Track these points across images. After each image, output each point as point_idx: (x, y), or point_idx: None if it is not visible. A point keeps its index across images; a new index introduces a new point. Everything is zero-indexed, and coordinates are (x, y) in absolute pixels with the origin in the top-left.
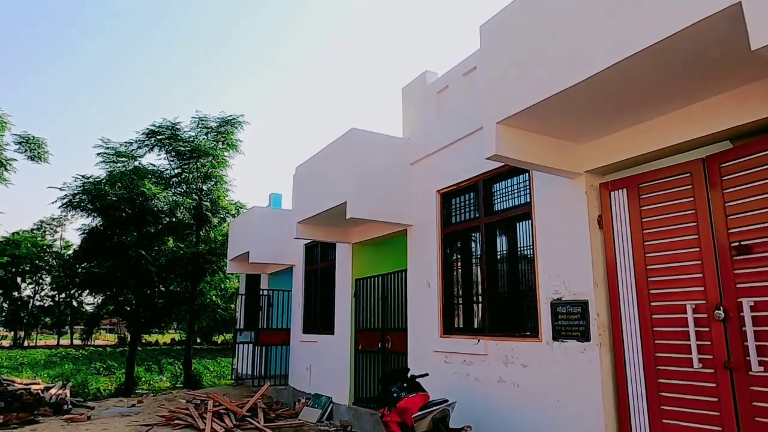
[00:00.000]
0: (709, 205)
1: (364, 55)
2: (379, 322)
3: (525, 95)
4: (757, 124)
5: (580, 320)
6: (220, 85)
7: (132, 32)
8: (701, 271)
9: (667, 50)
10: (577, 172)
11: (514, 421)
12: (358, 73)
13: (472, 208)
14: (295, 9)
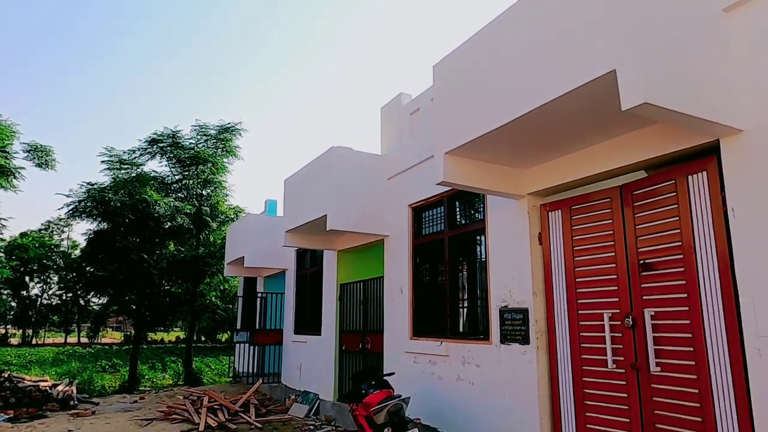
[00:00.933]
0: (624, 226)
1: (369, 62)
2: (361, 324)
3: (468, 130)
4: (665, 157)
5: (521, 326)
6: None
7: (134, 45)
8: (616, 284)
9: (568, 101)
10: (520, 194)
11: (471, 414)
12: (361, 81)
13: (439, 222)
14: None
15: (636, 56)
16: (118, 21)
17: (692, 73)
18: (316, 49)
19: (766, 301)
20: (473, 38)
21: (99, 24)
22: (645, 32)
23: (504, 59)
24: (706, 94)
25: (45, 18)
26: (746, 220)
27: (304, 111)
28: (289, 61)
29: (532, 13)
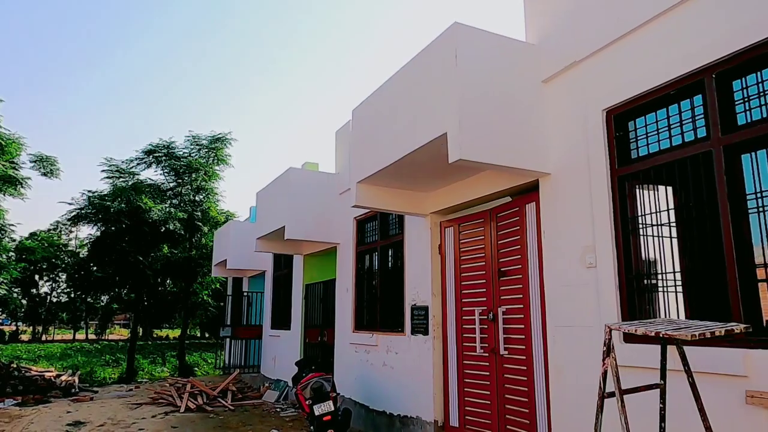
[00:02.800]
0: (491, 241)
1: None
2: (321, 320)
3: (371, 165)
4: (521, 187)
5: (424, 320)
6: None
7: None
8: (485, 287)
9: (426, 151)
10: (424, 213)
11: (391, 392)
12: (345, 88)
13: (375, 233)
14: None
15: (455, 125)
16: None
17: (512, 132)
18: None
19: (559, 299)
20: (374, 93)
21: (98, 33)
22: (466, 105)
23: (388, 115)
24: (523, 148)
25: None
26: (550, 239)
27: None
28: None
29: (403, 83)
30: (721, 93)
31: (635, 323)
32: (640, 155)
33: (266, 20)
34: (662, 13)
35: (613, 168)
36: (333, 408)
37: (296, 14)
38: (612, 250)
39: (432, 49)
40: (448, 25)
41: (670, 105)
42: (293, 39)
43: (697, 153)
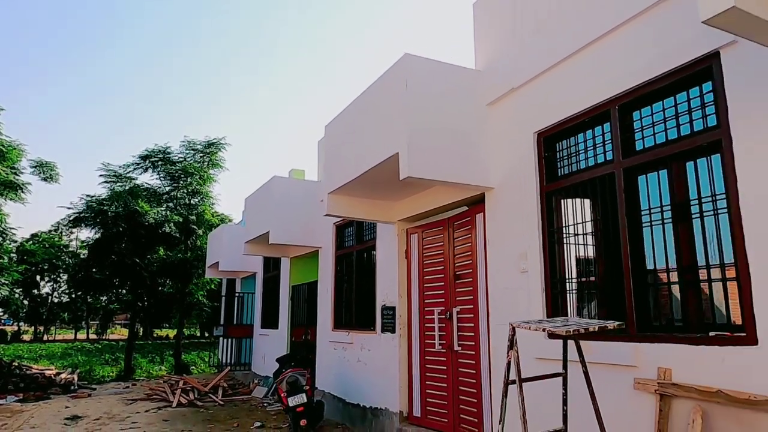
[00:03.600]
0: (449, 247)
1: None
2: (305, 319)
3: (339, 178)
4: (475, 198)
5: (392, 319)
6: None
7: None
8: (443, 289)
9: (386, 167)
10: (392, 221)
11: (364, 386)
12: None
13: (352, 238)
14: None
15: (405, 146)
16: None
17: (458, 151)
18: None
19: (500, 301)
20: (343, 111)
21: (90, 28)
22: (415, 128)
23: (353, 133)
24: (469, 164)
25: None
26: (494, 247)
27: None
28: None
29: (364, 105)
30: (623, 122)
31: (533, 322)
32: (565, 173)
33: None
34: (579, 50)
35: (542, 184)
36: (306, 400)
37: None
38: (540, 257)
39: (387, 77)
40: (402, 54)
41: (587, 130)
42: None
43: (605, 174)
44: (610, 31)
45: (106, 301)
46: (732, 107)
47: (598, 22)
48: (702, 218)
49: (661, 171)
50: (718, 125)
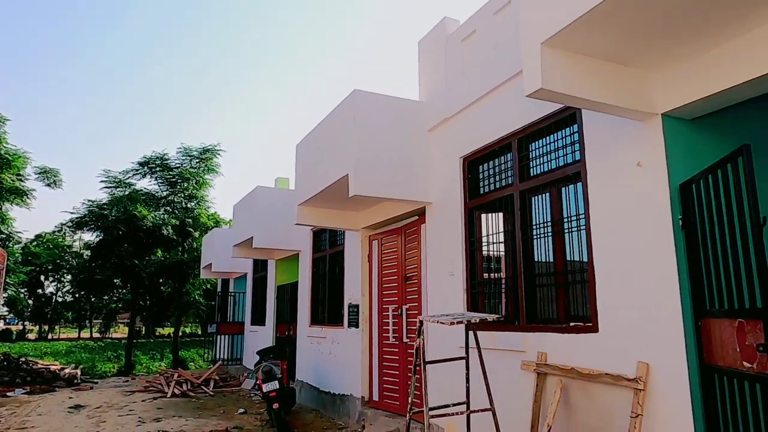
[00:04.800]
0: (401, 253)
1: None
2: (288, 316)
3: (307, 191)
4: (421, 210)
5: (356, 315)
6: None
7: None
8: (396, 289)
9: (337, 185)
10: (356, 228)
11: (334, 376)
12: None
13: (326, 242)
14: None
15: (353, 168)
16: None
17: (402, 171)
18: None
19: (435, 300)
20: (310, 133)
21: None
22: (362, 153)
23: (316, 153)
24: (411, 183)
25: None
26: (431, 253)
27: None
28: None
29: (325, 130)
30: (521, 152)
31: (435, 315)
32: (483, 192)
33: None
34: (490, 91)
35: (466, 201)
36: (278, 386)
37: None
38: (462, 262)
39: (340, 109)
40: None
41: (498, 156)
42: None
43: (508, 194)
44: (509, 79)
45: (108, 301)
46: (588, 146)
47: (501, 71)
48: (570, 233)
49: (545, 194)
50: (579, 160)
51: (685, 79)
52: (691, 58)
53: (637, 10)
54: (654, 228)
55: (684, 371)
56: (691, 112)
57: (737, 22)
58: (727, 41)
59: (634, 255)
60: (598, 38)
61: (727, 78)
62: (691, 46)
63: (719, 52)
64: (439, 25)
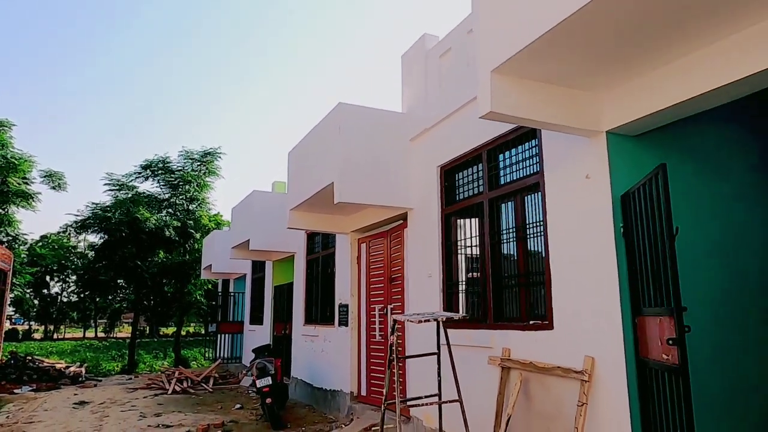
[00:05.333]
0: (387, 255)
1: None
2: (285, 316)
3: (298, 196)
4: (405, 215)
5: (346, 314)
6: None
7: None
8: (383, 289)
9: (324, 192)
10: (346, 232)
11: (326, 372)
12: None
13: (320, 245)
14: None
15: (338, 176)
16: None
17: (384, 179)
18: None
19: (416, 299)
20: (300, 142)
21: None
22: (346, 162)
23: (306, 161)
24: (393, 190)
25: None
26: (412, 257)
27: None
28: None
29: (313, 139)
30: (490, 162)
31: (407, 314)
32: (459, 199)
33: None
34: (463, 105)
35: (443, 207)
36: (271, 382)
37: None
38: (439, 265)
39: (326, 120)
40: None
41: (471, 166)
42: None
43: (480, 201)
44: None
45: (112, 301)
46: (546, 159)
47: (472, 86)
48: (531, 238)
49: (511, 201)
50: (539, 171)
51: (626, 100)
52: (631, 81)
53: (574, 42)
54: (600, 235)
55: (622, 364)
56: (635, 129)
57: (673, 49)
58: (664, 65)
59: (583, 259)
60: (542, 66)
61: (665, 98)
62: (631, 70)
63: (657, 75)
64: (419, 41)
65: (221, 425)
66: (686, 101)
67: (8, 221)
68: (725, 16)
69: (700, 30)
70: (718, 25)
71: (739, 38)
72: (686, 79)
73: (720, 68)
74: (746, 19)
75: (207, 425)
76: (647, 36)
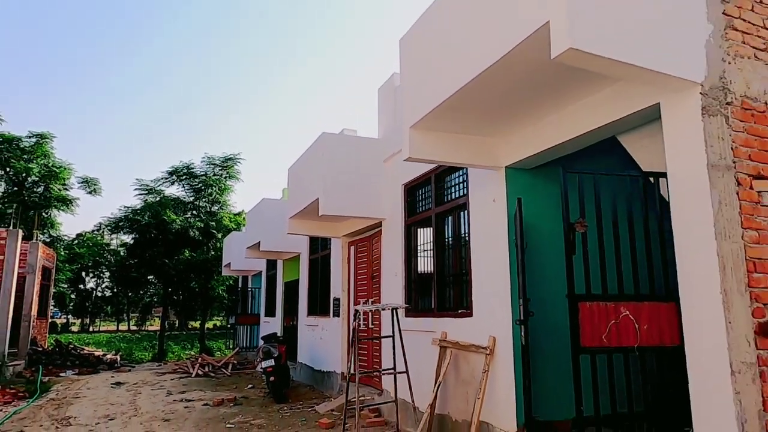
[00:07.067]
0: (370, 256)
1: None
2: (293, 309)
3: (297, 206)
4: None
5: (338, 307)
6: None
7: None
8: (366, 285)
9: (313, 206)
10: (338, 236)
11: (323, 356)
12: None
13: (319, 247)
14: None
15: (321, 193)
16: None
17: (362, 194)
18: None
19: (388, 294)
20: (296, 161)
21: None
22: (329, 181)
23: (299, 176)
24: (369, 203)
25: None
26: (385, 259)
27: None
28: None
29: (305, 161)
30: (438, 185)
31: (366, 305)
32: (418, 212)
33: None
34: None
35: (405, 218)
36: (274, 363)
37: None
38: (402, 266)
39: (313, 146)
40: (321, 132)
41: (426, 186)
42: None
43: (430, 215)
44: None
45: (143, 296)
46: (470, 184)
47: None
48: (462, 246)
49: (450, 216)
50: (466, 194)
51: (518, 143)
52: (523, 129)
53: (466, 107)
54: (501, 245)
55: (510, 342)
56: (528, 164)
57: (542, 110)
58: (541, 120)
59: (491, 263)
60: (446, 122)
61: (543, 142)
62: (520, 123)
63: (538, 126)
64: (391, 78)
65: (234, 399)
66: (557, 145)
67: (51, 224)
68: (564, 93)
69: (554, 100)
70: (561, 98)
71: (576, 107)
72: (556, 129)
73: (572, 124)
74: (576, 95)
75: (222, 399)
76: (519, 101)
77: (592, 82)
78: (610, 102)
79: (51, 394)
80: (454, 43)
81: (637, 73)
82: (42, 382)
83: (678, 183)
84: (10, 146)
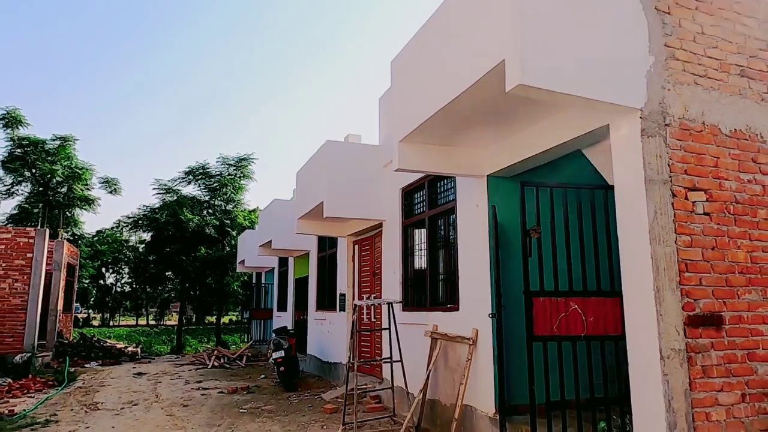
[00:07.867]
0: (372, 254)
1: None
2: (303, 304)
3: (303, 208)
4: None
5: (344, 302)
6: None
7: None
8: (369, 281)
9: (318, 207)
10: (343, 236)
11: (329, 348)
12: None
13: (327, 245)
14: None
15: (325, 196)
16: None
17: (364, 197)
18: None
19: (387, 289)
20: (302, 168)
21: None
22: (332, 185)
23: (307, 180)
24: (370, 205)
25: None
26: (385, 257)
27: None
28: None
29: (309, 167)
30: (431, 190)
31: (364, 300)
32: (414, 214)
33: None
34: None
35: (403, 220)
36: (284, 354)
37: None
38: (399, 264)
39: (318, 153)
40: (324, 140)
41: (421, 191)
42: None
43: (424, 217)
44: None
45: (162, 291)
46: (458, 191)
47: None
48: (451, 247)
49: (441, 219)
50: (454, 199)
51: (498, 154)
52: (504, 140)
53: (449, 123)
54: (482, 246)
55: (490, 334)
56: (508, 173)
57: (516, 125)
58: (516, 134)
59: (474, 263)
60: (431, 136)
61: (520, 153)
62: (499, 135)
63: (515, 139)
64: (391, 89)
65: (246, 388)
66: (530, 157)
67: (74, 222)
68: (529, 113)
69: (524, 117)
70: (528, 117)
71: (542, 125)
72: (528, 143)
73: (540, 139)
74: (539, 116)
75: (236, 388)
76: (494, 119)
77: (552, 105)
78: (569, 122)
79: (78, 383)
80: (434, 69)
81: (583, 101)
82: (69, 372)
83: (621, 195)
84: (36, 149)
